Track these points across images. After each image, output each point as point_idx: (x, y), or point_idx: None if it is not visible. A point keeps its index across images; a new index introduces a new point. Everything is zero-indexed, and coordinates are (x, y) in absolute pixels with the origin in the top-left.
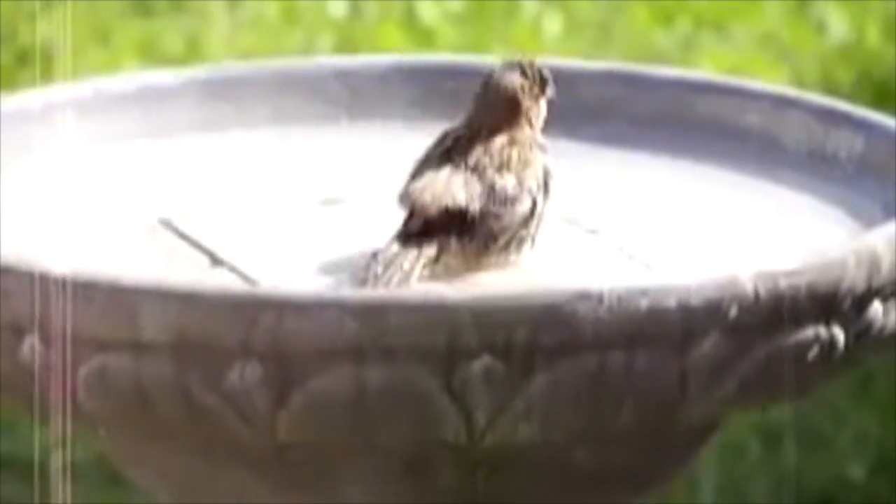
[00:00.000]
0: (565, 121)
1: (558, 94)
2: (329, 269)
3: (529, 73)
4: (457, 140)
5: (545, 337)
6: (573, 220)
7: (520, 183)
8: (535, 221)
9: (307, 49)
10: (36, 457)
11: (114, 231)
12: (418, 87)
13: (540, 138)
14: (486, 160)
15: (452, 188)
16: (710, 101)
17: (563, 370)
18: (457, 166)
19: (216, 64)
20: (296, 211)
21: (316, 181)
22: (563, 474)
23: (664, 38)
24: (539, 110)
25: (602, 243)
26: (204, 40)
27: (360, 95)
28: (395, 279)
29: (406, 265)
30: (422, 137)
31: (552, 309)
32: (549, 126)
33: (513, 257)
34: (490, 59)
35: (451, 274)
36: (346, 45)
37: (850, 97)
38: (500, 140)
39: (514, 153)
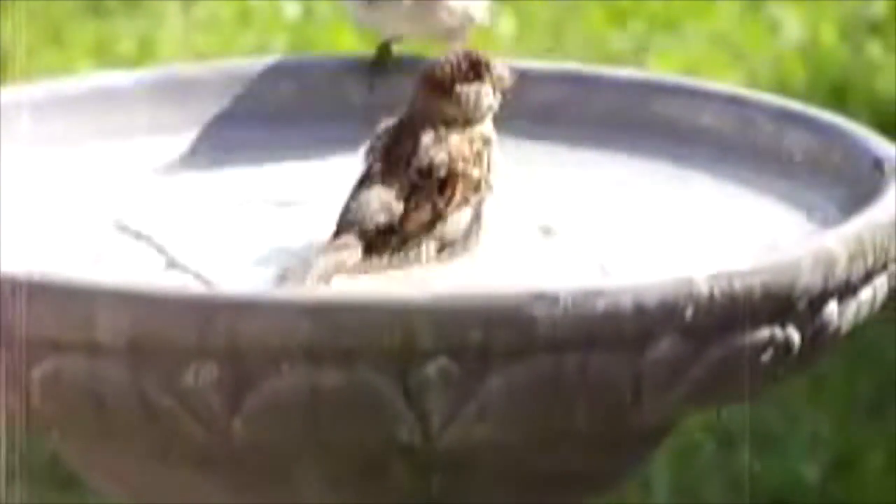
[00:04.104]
0: (518, 121)
1: (512, 95)
2: (287, 269)
3: (464, 63)
4: (391, 141)
5: (501, 338)
6: (528, 220)
7: (462, 198)
8: (474, 230)
9: (262, 50)
10: None
11: (68, 232)
12: (368, 85)
13: (485, 130)
14: (418, 165)
15: (375, 209)
16: (663, 102)
17: (519, 372)
18: (390, 177)
19: (169, 65)
20: (250, 212)
21: (269, 181)
22: (518, 475)
23: (618, 39)
24: (478, 98)
25: (557, 244)
26: (158, 41)
27: (312, 94)
28: (315, 276)
29: (326, 265)
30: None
31: (508, 310)
32: (502, 127)
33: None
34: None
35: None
36: (300, 46)
37: (805, 98)
38: (436, 139)
39: (454, 152)
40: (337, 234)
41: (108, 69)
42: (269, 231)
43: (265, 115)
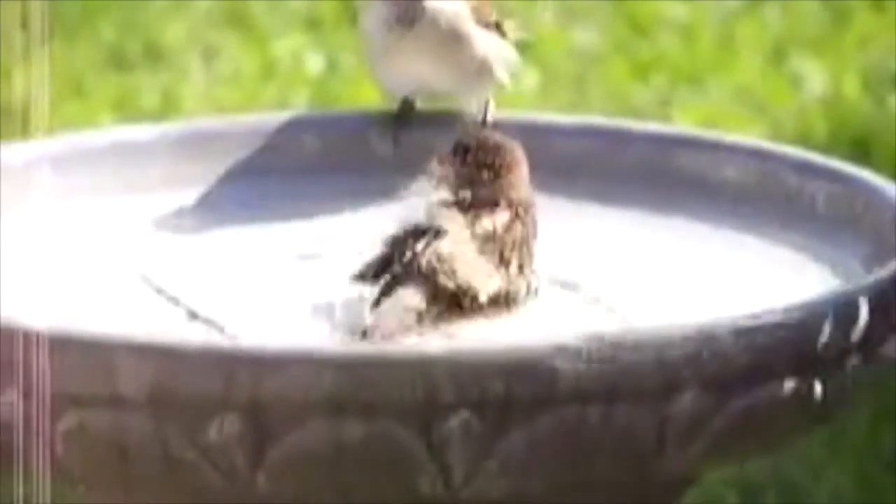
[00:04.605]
0: (542, 175)
1: (536, 149)
2: (307, 323)
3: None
4: (464, 208)
5: (523, 391)
6: (551, 274)
7: (529, 277)
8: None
9: (284, 104)
10: None
11: (92, 286)
12: (392, 140)
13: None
14: (502, 246)
15: (479, 272)
16: (686, 155)
17: (541, 424)
18: (478, 243)
19: (192, 119)
20: (273, 265)
21: (292, 235)
22: None
23: (641, 93)
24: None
25: (580, 297)
26: (180, 95)
27: (335, 148)
28: (394, 331)
29: (403, 319)
30: (397, 190)
31: (530, 363)
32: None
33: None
34: (463, 114)
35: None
36: (323, 100)
37: (827, 151)
38: (511, 220)
39: (523, 237)
40: (404, 283)
41: (130, 123)
42: (292, 284)
43: (288, 169)
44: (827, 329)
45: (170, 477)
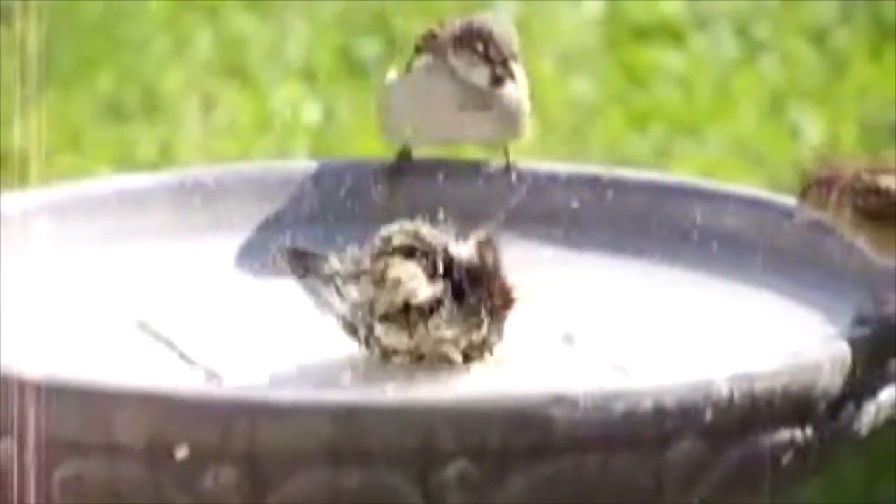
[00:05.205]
0: (539, 225)
1: (533, 198)
2: (304, 371)
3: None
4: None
5: (520, 440)
6: (547, 324)
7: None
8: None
9: (282, 155)
10: None
11: (89, 334)
12: (390, 189)
13: None
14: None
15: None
16: (683, 204)
17: (539, 473)
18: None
19: (190, 168)
20: (270, 314)
21: (290, 285)
22: None
23: (638, 143)
24: None
25: (577, 348)
26: (177, 146)
27: (332, 198)
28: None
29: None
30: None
31: (527, 412)
32: (524, 230)
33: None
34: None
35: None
36: (320, 150)
37: None
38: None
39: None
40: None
41: (127, 174)
42: (289, 334)
43: (285, 219)
44: (823, 378)
45: None
